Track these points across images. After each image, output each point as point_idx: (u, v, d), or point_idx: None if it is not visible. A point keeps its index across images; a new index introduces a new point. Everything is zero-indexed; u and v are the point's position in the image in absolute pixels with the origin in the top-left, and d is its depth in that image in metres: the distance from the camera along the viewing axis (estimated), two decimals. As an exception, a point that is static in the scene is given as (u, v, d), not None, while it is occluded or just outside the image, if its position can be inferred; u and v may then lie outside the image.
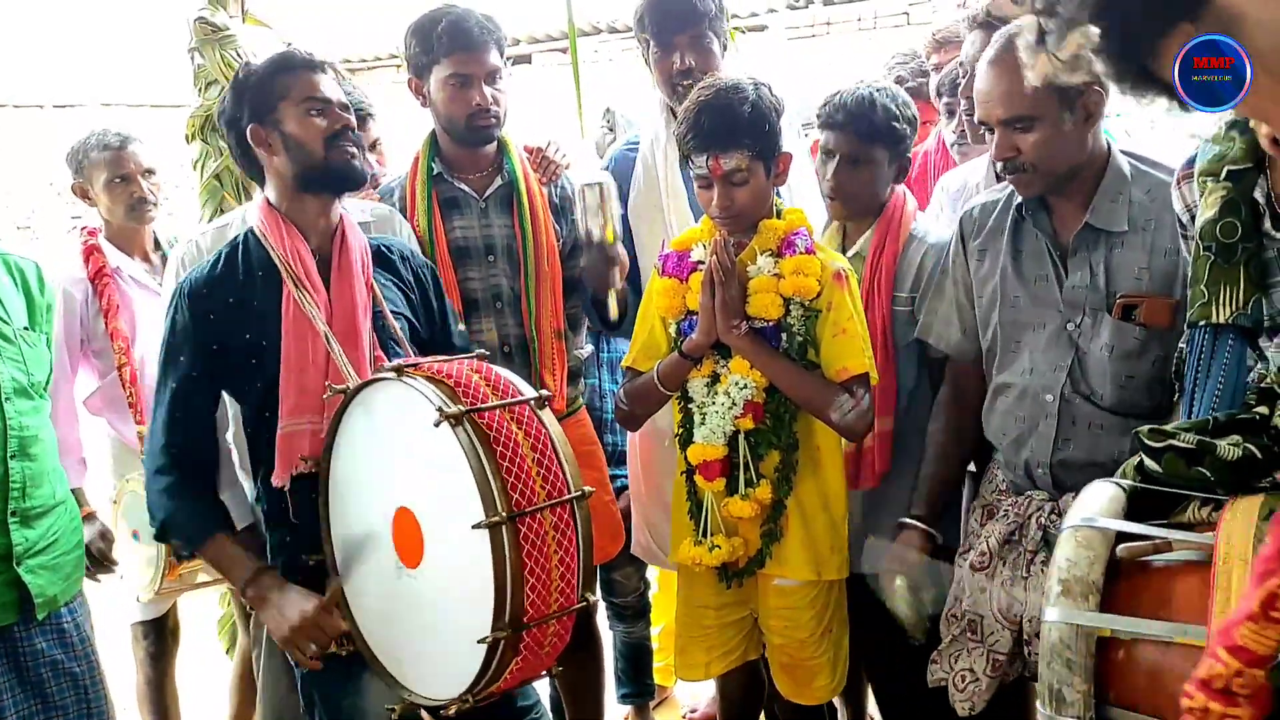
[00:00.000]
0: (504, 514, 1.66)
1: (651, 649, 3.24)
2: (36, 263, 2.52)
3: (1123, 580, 1.16)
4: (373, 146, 3.07)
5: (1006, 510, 2.03)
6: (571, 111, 4.42)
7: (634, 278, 2.61)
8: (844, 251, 2.37)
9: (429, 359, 1.91)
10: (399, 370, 1.80)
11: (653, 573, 3.26)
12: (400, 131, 3.53)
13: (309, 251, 2.03)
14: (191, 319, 1.98)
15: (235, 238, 2.09)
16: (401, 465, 1.84)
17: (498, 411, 1.77)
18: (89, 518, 2.67)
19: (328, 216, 2.07)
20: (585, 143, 4.18)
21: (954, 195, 2.56)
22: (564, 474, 1.79)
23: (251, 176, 2.17)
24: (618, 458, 2.93)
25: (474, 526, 1.65)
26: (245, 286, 2.01)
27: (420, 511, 1.80)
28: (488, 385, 1.82)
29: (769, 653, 2.30)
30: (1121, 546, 1.17)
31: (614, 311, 2.47)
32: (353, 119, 2.08)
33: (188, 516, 1.99)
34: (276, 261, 2.00)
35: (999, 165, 1.97)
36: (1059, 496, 1.96)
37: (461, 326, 2.33)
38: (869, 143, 2.28)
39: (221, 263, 2.04)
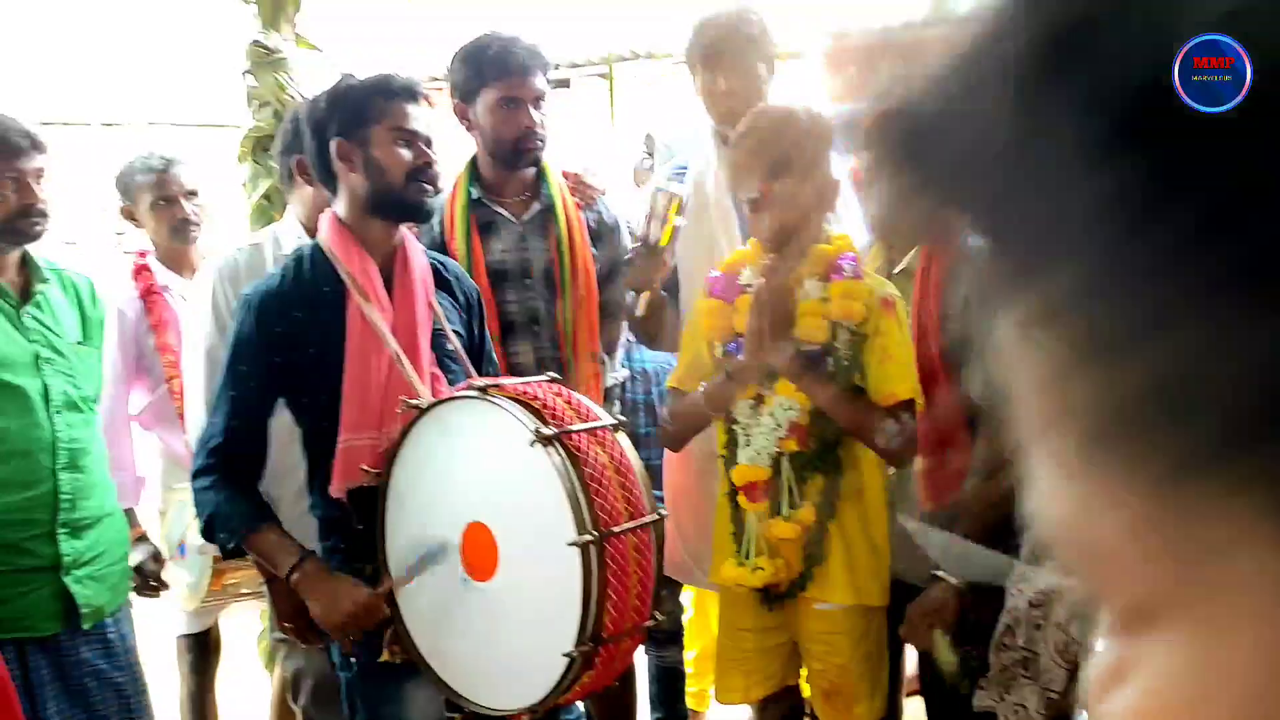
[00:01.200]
0: (594, 534, 1.71)
1: (684, 674, 3.22)
2: (90, 278, 2.57)
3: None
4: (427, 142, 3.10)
5: None
6: (608, 135, 4.47)
7: (678, 298, 2.63)
8: (891, 268, 2.36)
9: (510, 380, 1.95)
10: (484, 390, 1.84)
11: (686, 596, 3.25)
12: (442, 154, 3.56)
13: (375, 268, 2.05)
14: (257, 330, 2.00)
15: (299, 250, 2.11)
16: (478, 481, 1.87)
17: (584, 434, 1.81)
18: (140, 539, 2.71)
19: (391, 237, 2.10)
20: (619, 167, 4.21)
21: None
22: (643, 497, 1.85)
23: (322, 183, 2.17)
24: (649, 473, 2.93)
25: (569, 544, 1.70)
26: (311, 300, 2.03)
27: (496, 527, 1.83)
28: (570, 408, 1.86)
29: (808, 678, 2.29)
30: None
31: (640, 309, 2.50)
32: (435, 155, 2.09)
33: (231, 509, 1.99)
34: (344, 276, 2.02)
35: None
36: None
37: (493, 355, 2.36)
38: None
39: (289, 276, 2.06)
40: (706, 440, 2.37)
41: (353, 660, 2.03)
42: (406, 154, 2.02)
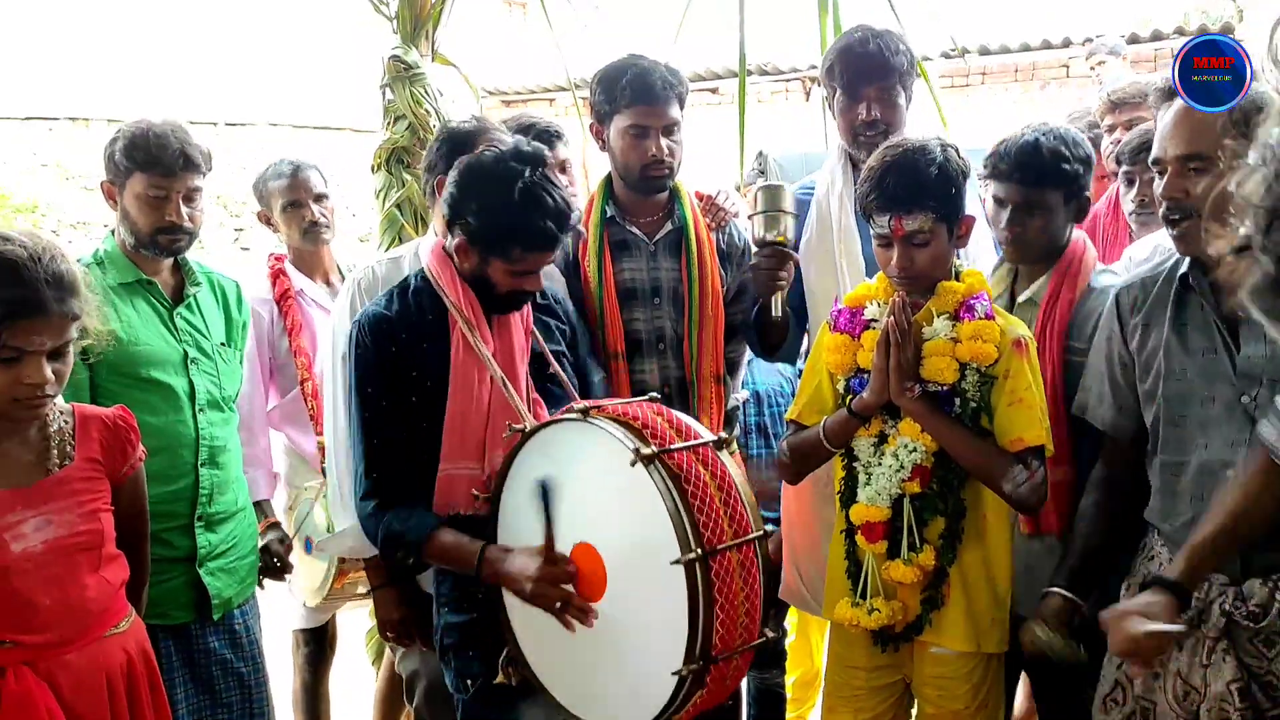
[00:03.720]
0: (698, 552, 1.71)
1: (785, 697, 3.21)
2: (237, 282, 2.68)
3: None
4: (562, 169, 3.15)
5: None
6: (716, 151, 4.48)
7: (801, 321, 2.63)
8: (1015, 296, 2.35)
9: (610, 400, 1.95)
10: (585, 412, 1.87)
11: (789, 619, 3.24)
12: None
13: (476, 299, 2.09)
14: (376, 350, 2.06)
15: (406, 278, 2.17)
16: (583, 503, 1.89)
17: (685, 452, 1.82)
18: (273, 526, 2.81)
19: None
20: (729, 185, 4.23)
21: (1141, 264, 2.49)
22: (747, 513, 1.84)
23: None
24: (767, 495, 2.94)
25: (673, 563, 1.71)
26: (416, 328, 2.08)
27: (604, 547, 1.86)
28: (671, 427, 1.88)
29: (919, 720, 2.26)
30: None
31: (777, 310, 2.46)
32: (543, 283, 2.11)
33: (402, 527, 2.03)
34: (449, 305, 2.07)
35: (1164, 207, 1.91)
36: (1242, 580, 1.88)
37: (599, 377, 2.39)
38: (1039, 188, 2.26)
39: (395, 300, 2.12)
40: (825, 469, 2.36)
41: (468, 682, 2.08)
42: (520, 282, 2.05)
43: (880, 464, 2.13)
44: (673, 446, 1.81)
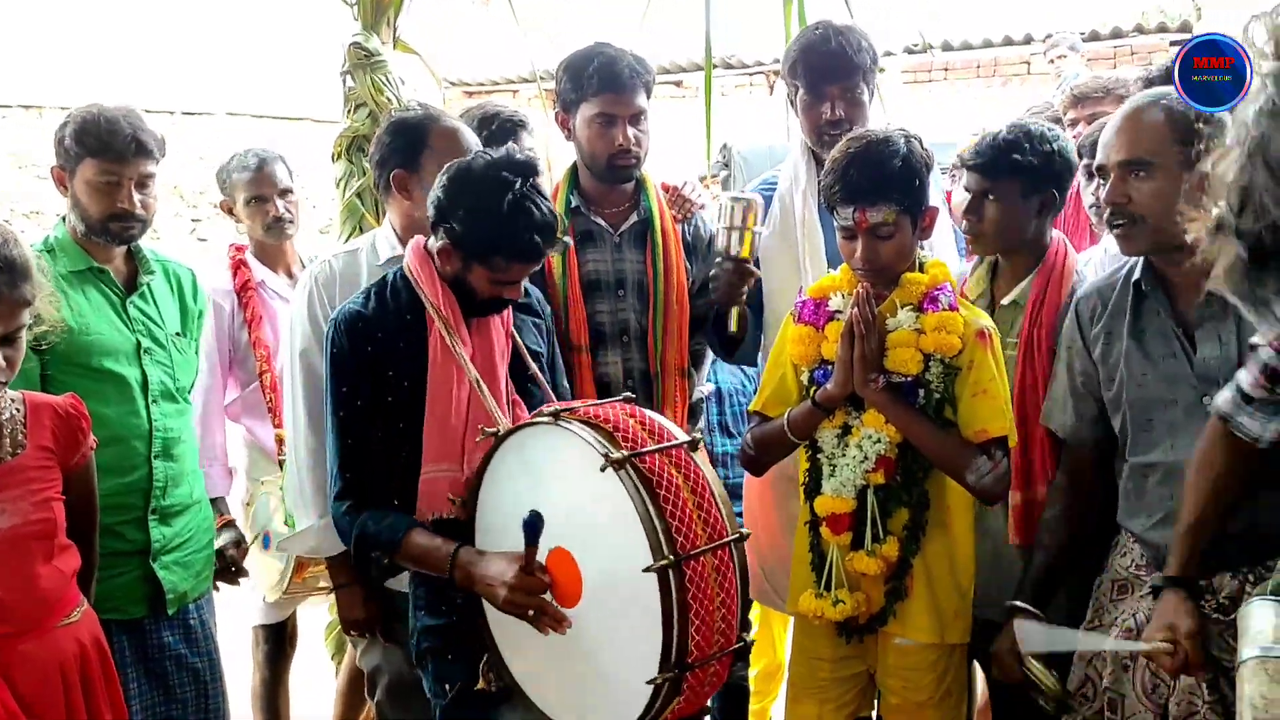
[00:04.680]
0: (671, 558, 1.68)
1: (748, 690, 3.21)
2: (192, 270, 2.63)
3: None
4: None
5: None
6: (680, 144, 4.48)
7: (760, 316, 2.62)
8: (995, 298, 2.34)
9: (581, 403, 1.92)
10: (555, 415, 1.83)
11: (751, 612, 3.24)
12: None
13: (454, 299, 2.05)
14: (352, 349, 2.01)
15: (385, 275, 2.13)
16: (557, 508, 1.85)
17: (657, 455, 1.79)
18: (228, 525, 2.76)
19: None
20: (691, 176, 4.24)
21: (1114, 258, 2.50)
22: (721, 516, 1.81)
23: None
24: (729, 491, 2.94)
25: (644, 570, 1.67)
26: (395, 326, 2.04)
27: (578, 553, 1.82)
28: (643, 429, 1.84)
29: (884, 711, 2.26)
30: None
31: (734, 325, 2.47)
32: (521, 290, 2.09)
33: (376, 527, 1.99)
34: (427, 305, 2.02)
35: (1106, 212, 1.96)
36: (1212, 575, 1.89)
37: (566, 384, 2.36)
38: (993, 177, 2.26)
39: (373, 299, 2.07)
40: (786, 463, 2.36)
41: (447, 686, 2.05)
42: (496, 290, 2.03)
43: (844, 455, 2.13)
44: (644, 449, 1.78)
